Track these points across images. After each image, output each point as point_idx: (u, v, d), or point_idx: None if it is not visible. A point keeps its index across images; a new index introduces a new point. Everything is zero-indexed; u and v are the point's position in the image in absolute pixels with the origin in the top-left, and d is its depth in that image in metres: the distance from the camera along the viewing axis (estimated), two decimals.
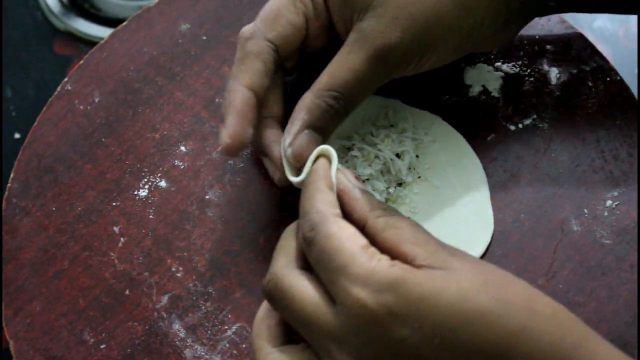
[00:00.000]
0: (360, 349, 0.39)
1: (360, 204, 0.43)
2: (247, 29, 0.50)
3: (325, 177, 0.44)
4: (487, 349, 0.38)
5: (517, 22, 0.52)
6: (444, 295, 0.38)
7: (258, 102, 0.49)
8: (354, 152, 0.52)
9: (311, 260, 0.42)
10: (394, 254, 0.41)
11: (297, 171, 0.47)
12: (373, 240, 0.42)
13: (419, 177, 0.53)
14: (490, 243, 0.51)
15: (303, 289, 0.41)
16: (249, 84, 0.49)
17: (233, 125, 0.48)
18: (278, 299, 0.42)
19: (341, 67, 0.48)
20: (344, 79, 0.47)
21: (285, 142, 0.47)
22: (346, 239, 0.40)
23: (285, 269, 0.42)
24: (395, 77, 0.50)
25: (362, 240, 0.41)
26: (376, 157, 0.52)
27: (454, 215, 0.52)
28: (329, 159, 0.45)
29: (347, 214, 0.43)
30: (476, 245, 0.51)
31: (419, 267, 0.40)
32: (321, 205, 0.42)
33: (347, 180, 0.44)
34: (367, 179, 0.51)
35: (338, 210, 0.42)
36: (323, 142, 0.48)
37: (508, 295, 0.39)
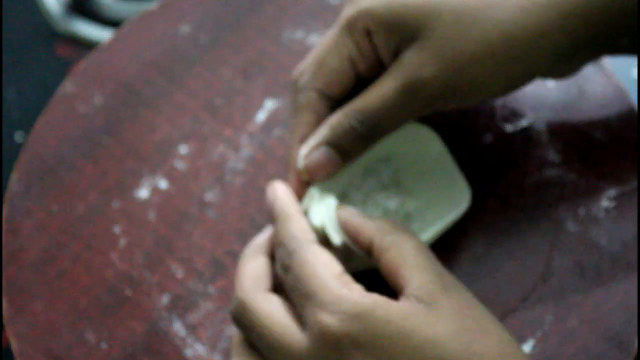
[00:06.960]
0: None
1: (363, 227, 0.44)
2: (298, 75, 0.49)
3: (295, 204, 0.45)
4: None
5: (582, 57, 0.49)
6: (412, 338, 0.38)
7: None
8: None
9: (287, 287, 0.42)
10: (393, 275, 0.41)
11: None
12: (379, 259, 0.42)
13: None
14: (486, 232, 0.51)
15: (272, 311, 0.41)
16: (304, 138, 0.48)
17: (293, 183, 0.48)
18: (247, 322, 0.41)
19: (374, 92, 0.46)
20: (373, 104, 0.46)
21: (301, 150, 0.48)
22: (320, 266, 0.41)
23: (252, 292, 0.42)
24: (435, 111, 0.48)
25: (337, 268, 0.41)
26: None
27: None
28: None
29: (354, 241, 0.44)
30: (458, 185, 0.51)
31: (407, 296, 0.40)
32: (295, 232, 0.43)
33: (348, 212, 0.45)
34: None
35: (312, 236, 0.43)
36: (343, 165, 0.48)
37: (481, 347, 0.39)
